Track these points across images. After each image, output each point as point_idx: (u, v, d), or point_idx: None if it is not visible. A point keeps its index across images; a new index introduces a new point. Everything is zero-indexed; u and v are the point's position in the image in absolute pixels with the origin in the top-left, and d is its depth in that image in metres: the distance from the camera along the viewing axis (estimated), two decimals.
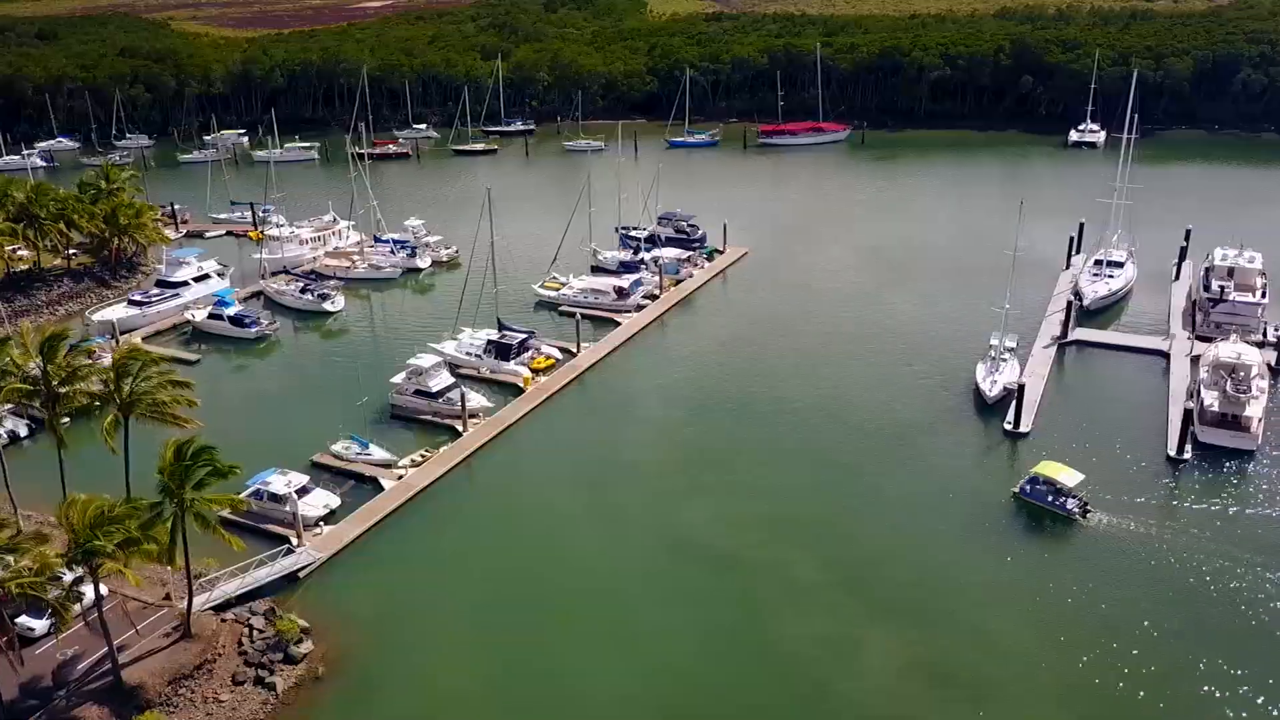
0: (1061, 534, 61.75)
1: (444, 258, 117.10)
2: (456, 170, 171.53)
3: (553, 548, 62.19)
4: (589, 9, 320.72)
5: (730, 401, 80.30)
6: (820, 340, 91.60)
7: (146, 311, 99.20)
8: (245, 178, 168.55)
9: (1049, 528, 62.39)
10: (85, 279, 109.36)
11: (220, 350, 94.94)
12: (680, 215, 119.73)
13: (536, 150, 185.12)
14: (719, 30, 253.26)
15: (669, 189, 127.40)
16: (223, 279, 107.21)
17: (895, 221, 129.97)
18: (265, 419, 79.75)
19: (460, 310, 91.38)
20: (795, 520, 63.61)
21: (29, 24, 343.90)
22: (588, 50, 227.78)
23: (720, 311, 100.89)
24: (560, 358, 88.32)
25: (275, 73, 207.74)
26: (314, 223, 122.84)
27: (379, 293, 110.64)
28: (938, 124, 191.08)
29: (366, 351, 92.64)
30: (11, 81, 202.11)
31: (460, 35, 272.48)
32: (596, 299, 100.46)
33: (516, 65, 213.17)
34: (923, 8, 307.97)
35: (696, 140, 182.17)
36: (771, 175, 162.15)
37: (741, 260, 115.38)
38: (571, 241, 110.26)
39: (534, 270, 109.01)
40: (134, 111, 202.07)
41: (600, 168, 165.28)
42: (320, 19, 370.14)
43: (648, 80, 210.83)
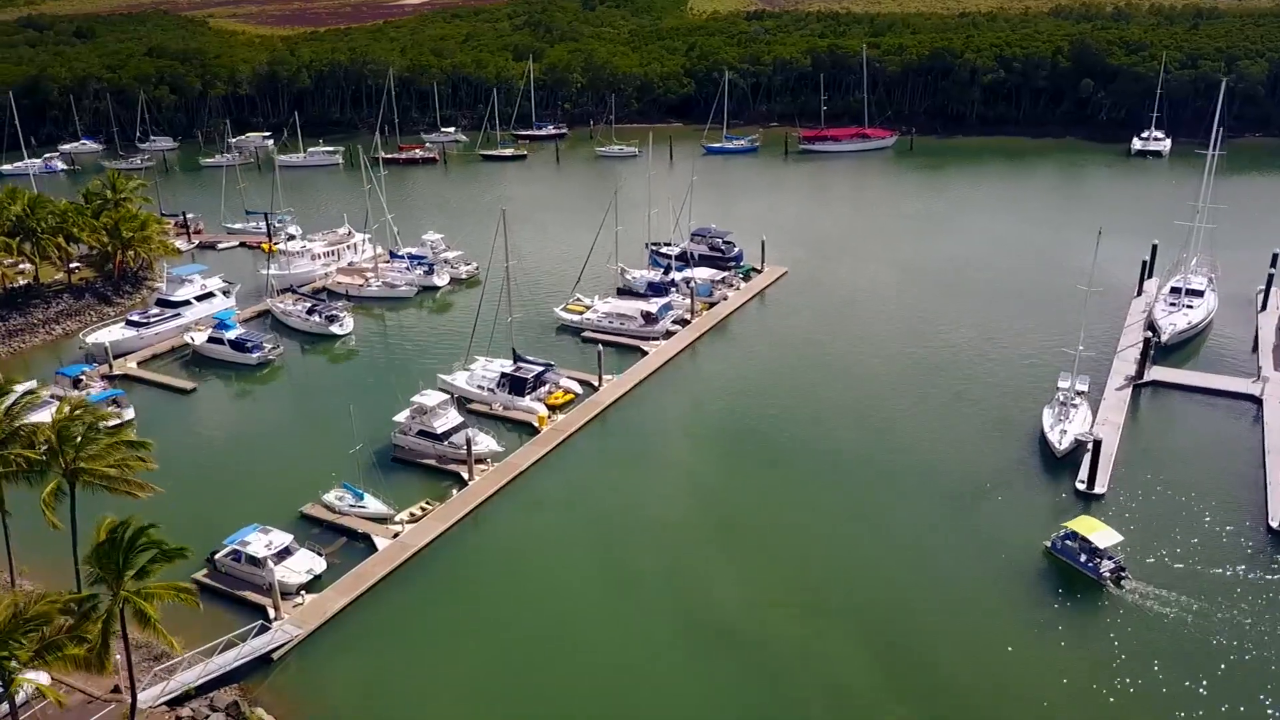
0: (1089, 602, 54.68)
1: (464, 274, 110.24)
2: (484, 177, 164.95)
3: (560, 625, 54.78)
4: (628, 6, 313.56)
5: (767, 447, 72.45)
6: (867, 375, 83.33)
7: (144, 333, 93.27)
8: (265, 184, 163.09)
9: (1078, 591, 55.41)
10: (86, 295, 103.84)
11: (219, 376, 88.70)
12: (715, 232, 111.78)
13: (568, 156, 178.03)
14: (760, 29, 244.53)
15: (704, 200, 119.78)
16: (228, 297, 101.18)
17: (946, 237, 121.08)
18: (257, 459, 73.19)
19: (474, 337, 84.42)
20: (836, 598, 55.63)
21: (68, 22, 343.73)
22: (624, 50, 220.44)
23: (757, 339, 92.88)
24: (580, 392, 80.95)
25: (302, 73, 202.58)
26: (327, 236, 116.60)
27: (393, 313, 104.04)
28: (990, 130, 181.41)
29: (373, 381, 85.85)
30: (37, 82, 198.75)
31: (495, 34, 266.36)
32: (622, 324, 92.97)
33: (549, 66, 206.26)
34: (972, 5, 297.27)
35: (734, 146, 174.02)
36: (813, 185, 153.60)
37: (780, 280, 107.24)
38: (599, 258, 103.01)
39: (557, 290, 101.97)
40: (158, 113, 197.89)
41: (632, 176, 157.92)
42: (358, 16, 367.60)
43: (685, 82, 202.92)
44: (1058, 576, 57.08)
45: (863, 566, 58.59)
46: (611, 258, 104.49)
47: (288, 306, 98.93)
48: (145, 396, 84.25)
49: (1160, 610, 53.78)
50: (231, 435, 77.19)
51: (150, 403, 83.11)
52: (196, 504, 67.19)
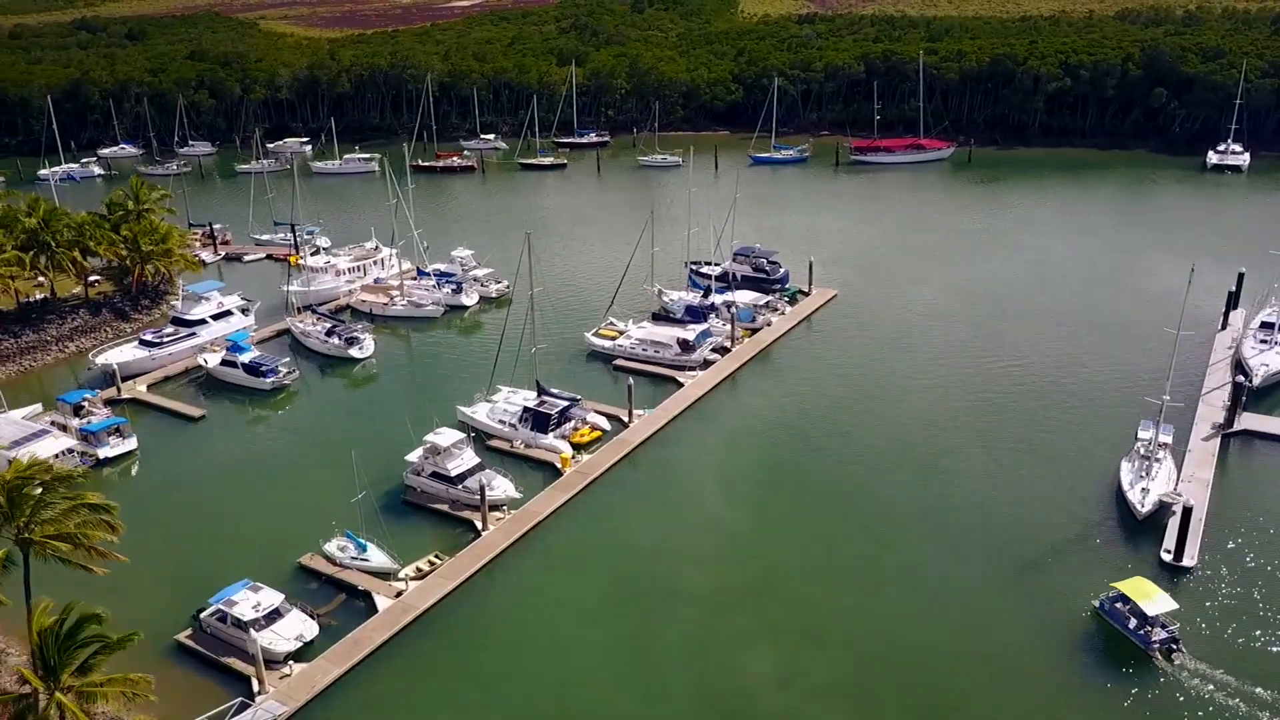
0: (1133, 675, 48.86)
1: (494, 293, 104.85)
2: (522, 187, 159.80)
3: (571, 706, 48.84)
4: (677, 9, 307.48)
5: (809, 495, 65.94)
6: (923, 413, 76.23)
7: (157, 354, 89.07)
8: (300, 191, 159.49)
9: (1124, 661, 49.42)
10: (104, 311, 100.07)
11: (231, 401, 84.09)
12: (759, 251, 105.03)
13: (609, 165, 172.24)
14: (811, 34, 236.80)
15: (748, 214, 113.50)
16: (246, 316, 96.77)
17: (1007, 258, 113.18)
18: (259, 499, 68.12)
19: (497, 365, 78.79)
20: (886, 687, 48.94)
21: (120, 24, 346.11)
22: (670, 55, 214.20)
23: (802, 370, 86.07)
24: (608, 429, 74.91)
25: (342, 78, 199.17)
26: (353, 251, 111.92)
27: (418, 333, 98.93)
28: (1054, 141, 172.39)
29: (391, 410, 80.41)
30: (79, 86, 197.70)
31: (540, 37, 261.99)
32: (656, 353, 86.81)
33: (593, 72, 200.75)
34: (1033, 8, 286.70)
35: (783, 157, 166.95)
36: (864, 198, 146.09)
37: (829, 304, 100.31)
38: (636, 277, 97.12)
39: (590, 312, 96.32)
40: (198, 118, 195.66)
41: (674, 187, 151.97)
42: (408, 19, 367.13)
43: (732, 89, 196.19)
44: (1104, 641, 51.37)
45: (911, 644, 51.74)
46: (648, 278, 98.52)
47: (307, 326, 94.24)
48: (151, 424, 79.88)
49: (1210, 693, 47.02)
50: (235, 470, 72.26)
51: (155, 431, 78.70)
52: (190, 548, 62.64)
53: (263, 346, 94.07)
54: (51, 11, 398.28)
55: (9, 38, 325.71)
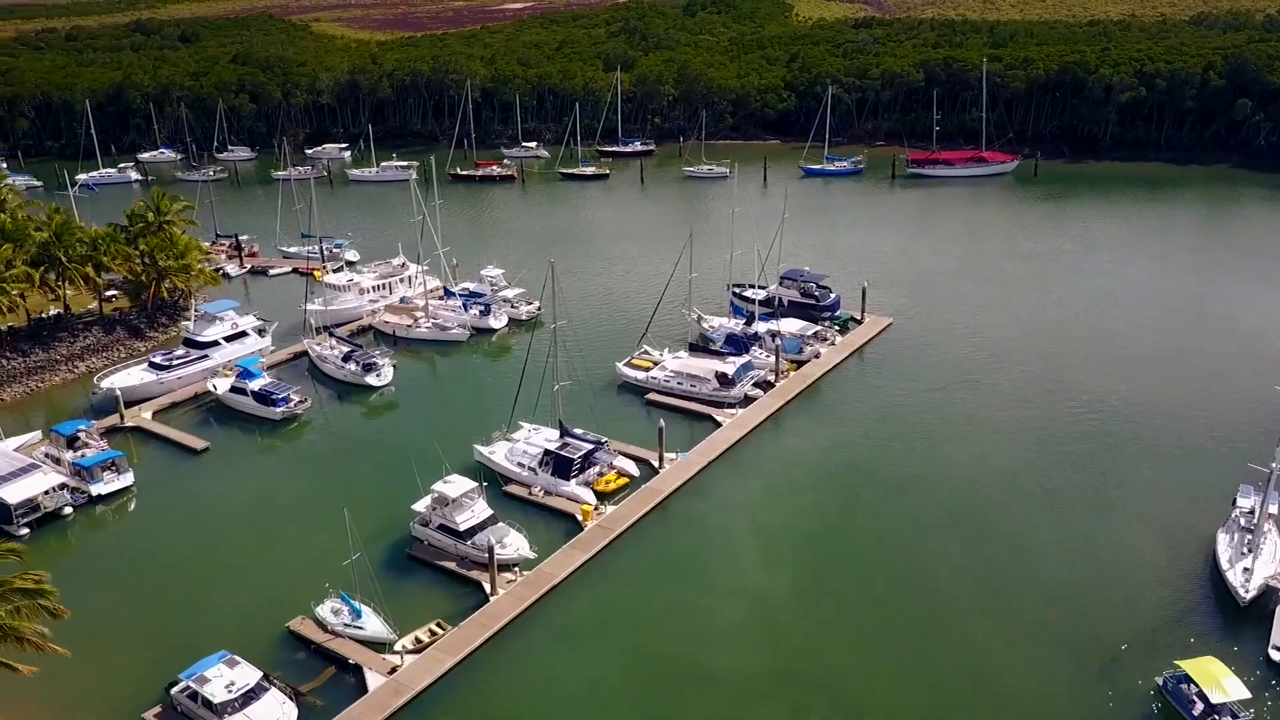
0: None
1: (524, 315, 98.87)
2: (562, 198, 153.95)
3: None
4: (730, 13, 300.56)
5: (858, 562, 58.89)
6: (986, 464, 68.57)
7: (165, 378, 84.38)
8: (335, 200, 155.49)
9: None
10: (118, 328, 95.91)
11: (239, 432, 79.04)
12: (808, 276, 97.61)
13: (653, 175, 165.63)
14: (868, 38, 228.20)
15: (797, 229, 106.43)
16: (262, 337, 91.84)
17: (1078, 285, 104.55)
18: (255, 548, 62.61)
19: (518, 398, 72.79)
20: None
21: (174, 27, 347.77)
22: (720, 60, 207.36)
23: (853, 410, 78.69)
24: (636, 475, 68.39)
25: (383, 82, 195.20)
26: (378, 267, 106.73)
27: (443, 357, 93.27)
28: (1127, 155, 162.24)
29: (406, 446, 74.81)
30: (121, 90, 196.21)
31: (589, 41, 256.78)
32: (693, 387, 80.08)
33: (639, 77, 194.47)
34: (1100, 11, 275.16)
35: (836, 168, 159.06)
36: (921, 214, 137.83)
37: (883, 334, 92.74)
38: (675, 300, 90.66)
39: (624, 337, 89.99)
40: (238, 122, 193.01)
41: (720, 200, 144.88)
42: (459, 21, 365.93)
43: (784, 96, 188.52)
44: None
45: None
46: (687, 302, 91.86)
47: (324, 350, 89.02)
48: (151, 457, 75.10)
49: None
50: (233, 513, 66.92)
51: (155, 464, 73.89)
52: (176, 603, 57.58)
53: (279, 370, 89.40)
54: (113, 13, 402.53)
55: (65, 39, 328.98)
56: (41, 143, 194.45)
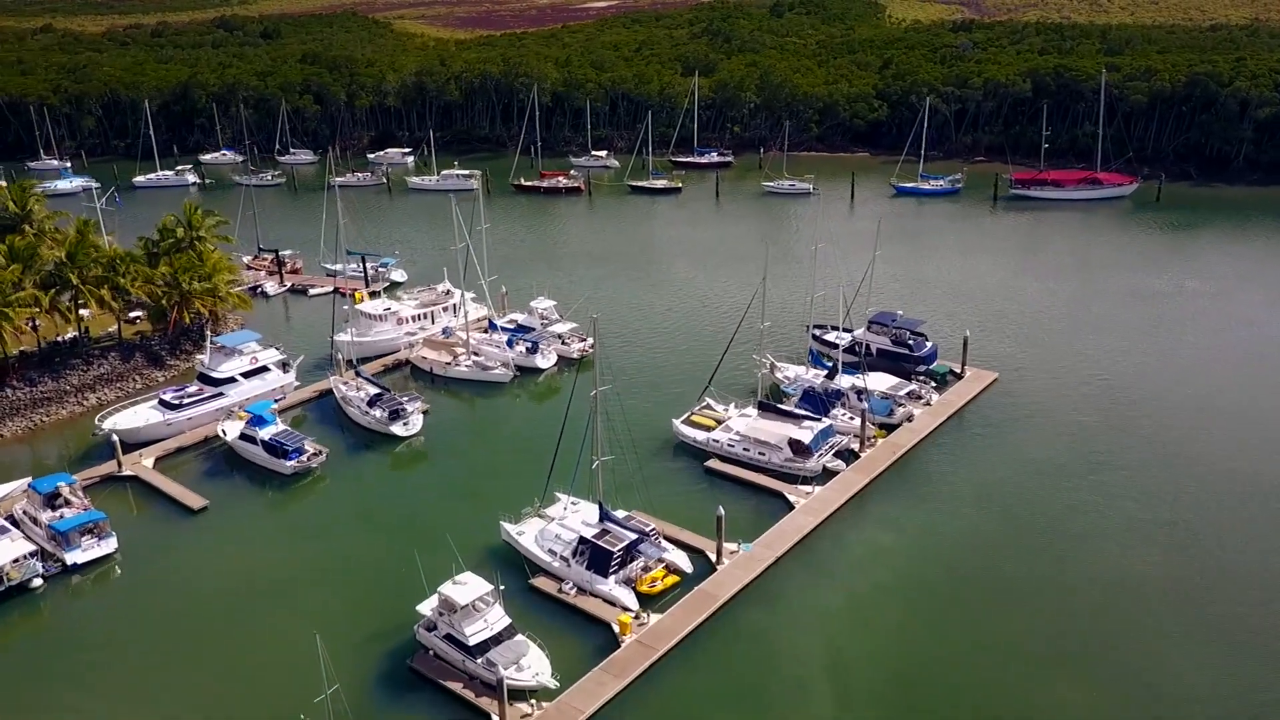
0: None
1: (575, 354, 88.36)
2: (629, 213, 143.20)
3: None
4: (819, 14, 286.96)
5: (955, 710, 46.79)
6: (1121, 576, 55.73)
7: (174, 418, 75.98)
8: (392, 210, 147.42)
9: None
10: (137, 355, 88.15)
11: (242, 488, 70.02)
12: (901, 321, 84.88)
13: (730, 190, 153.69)
14: (967, 44, 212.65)
15: (885, 256, 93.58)
16: (286, 372, 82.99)
17: (1215, 335, 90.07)
18: (231, 648, 52.99)
19: (554, 469, 62.31)
20: None
21: (257, 23, 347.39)
22: (807, 65, 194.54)
23: (953, 492, 66.17)
24: (689, 571, 57.27)
25: (451, 85, 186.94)
26: (421, 294, 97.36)
27: (483, 399, 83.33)
28: (1265, 178, 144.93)
29: (429, 516, 65.03)
30: (187, 89, 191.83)
31: (670, 43, 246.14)
32: (762, 455, 68.55)
33: (719, 83, 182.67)
34: (1220, 14, 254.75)
35: (931, 187, 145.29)
36: (1028, 243, 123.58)
37: (988, 392, 79.81)
38: (745, 339, 79.32)
39: (685, 385, 78.97)
40: (301, 124, 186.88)
41: (803, 221, 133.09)
42: (542, 19, 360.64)
43: (875, 105, 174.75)
44: None
45: None
46: (759, 344, 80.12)
47: (349, 391, 79.72)
48: (142, 516, 66.47)
49: None
50: (216, 596, 57.42)
51: (144, 526, 65.14)
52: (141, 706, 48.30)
53: (303, 410, 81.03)
54: (204, 8, 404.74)
55: (151, 35, 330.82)
56: (108, 142, 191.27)
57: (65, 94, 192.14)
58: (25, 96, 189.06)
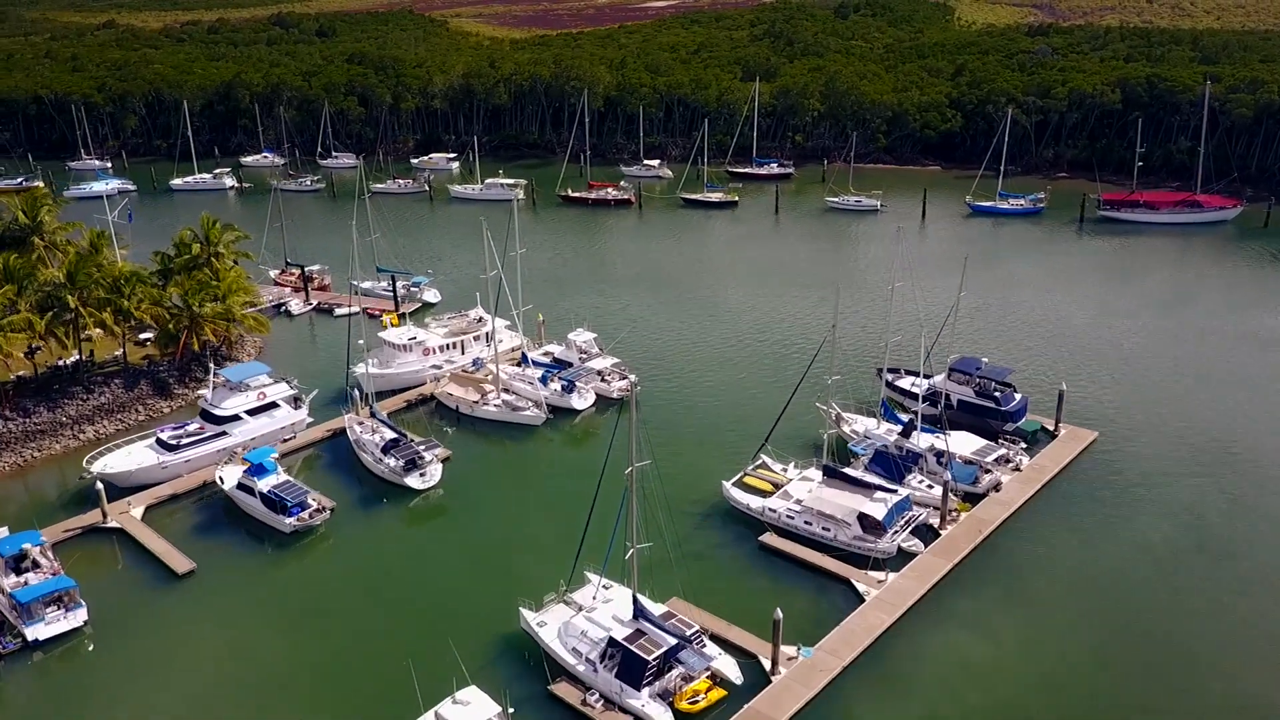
0: None
1: (616, 393, 79.48)
2: (682, 229, 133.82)
3: None
4: (885, 16, 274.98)
5: None
6: (1268, 694, 45.55)
7: (170, 461, 68.65)
8: (432, 220, 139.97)
9: None
10: (142, 383, 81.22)
11: (238, 546, 62.37)
12: (987, 370, 74.32)
13: (790, 204, 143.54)
14: (1045, 49, 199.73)
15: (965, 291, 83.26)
16: (298, 409, 75.32)
17: None
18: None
19: (583, 546, 53.68)
20: None
21: (313, 21, 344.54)
22: (875, 71, 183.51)
23: (1053, 584, 56.04)
24: (739, 682, 48.13)
25: (499, 88, 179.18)
26: (451, 321, 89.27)
27: (513, 442, 74.89)
28: None
29: (437, 592, 56.83)
30: (230, 89, 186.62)
31: (730, 44, 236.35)
32: (825, 530, 59.14)
33: (781, 89, 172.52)
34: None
35: (1011, 207, 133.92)
36: (1121, 273, 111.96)
37: (1087, 454, 69.39)
38: (809, 384, 69.92)
39: (738, 435, 70.05)
40: (344, 127, 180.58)
41: (871, 241, 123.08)
42: (600, 19, 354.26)
43: (949, 115, 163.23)
44: None
45: None
46: (825, 388, 70.36)
47: (363, 433, 71.77)
48: (121, 580, 59.07)
49: None
50: (187, 687, 49.79)
51: (122, 593, 57.72)
52: None
53: (315, 450, 73.43)
54: (265, 4, 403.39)
55: (207, 32, 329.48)
56: (150, 142, 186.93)
57: (109, 92, 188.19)
58: (70, 94, 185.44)
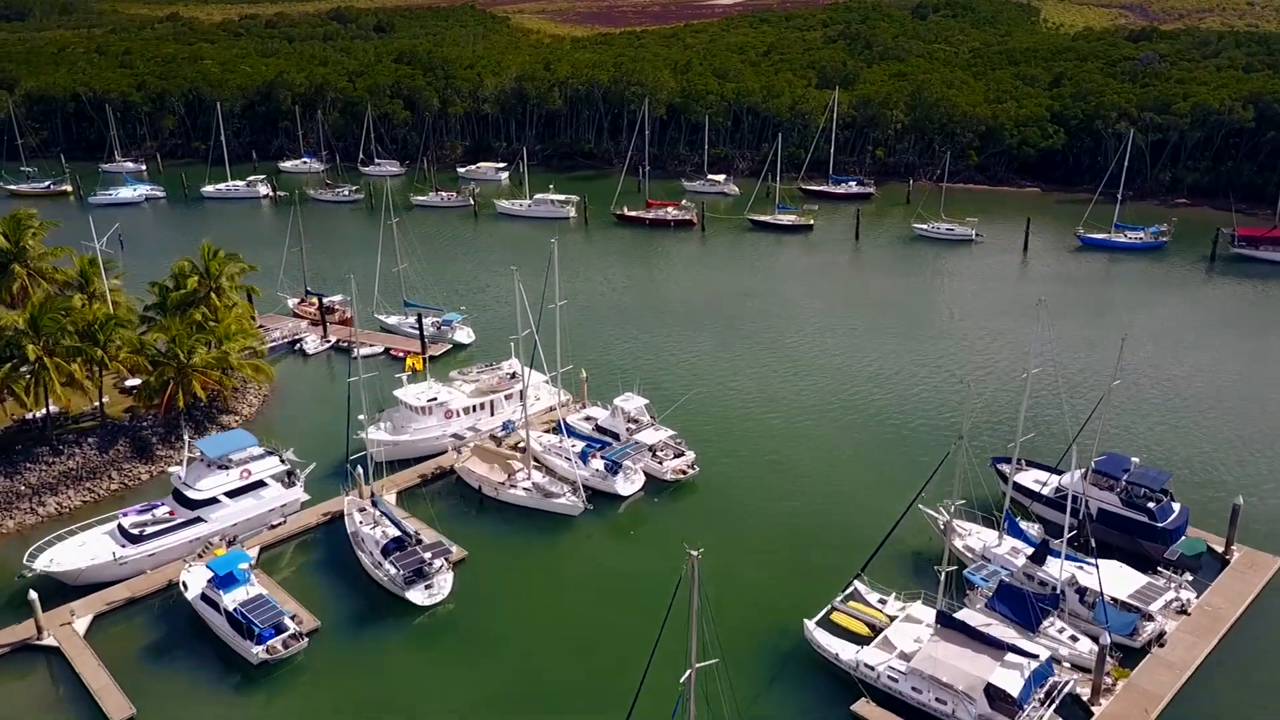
0: None
1: (668, 474, 65.85)
2: (749, 255, 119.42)
3: None
4: (967, 17, 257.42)
5: None
6: None
7: (130, 555, 56.69)
8: (476, 239, 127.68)
9: None
10: (120, 442, 69.67)
11: (193, 680, 50.10)
12: (1138, 472, 58.85)
13: (872, 228, 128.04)
14: (1152, 56, 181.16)
15: (1071, 333, 68.25)
16: (291, 487, 62.96)
17: None
18: None
19: (636, 706, 40.54)
20: None
21: (371, 16, 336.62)
22: (962, 79, 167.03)
23: None
24: None
25: (554, 92, 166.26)
26: (481, 374, 76.17)
27: (544, 536, 61.73)
28: None
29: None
30: (272, 89, 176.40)
31: (802, 46, 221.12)
32: (940, 703, 44.97)
33: (862, 99, 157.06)
34: None
35: (1128, 240, 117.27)
36: (1265, 324, 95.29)
37: (1269, 591, 54.14)
38: (910, 484, 55.83)
39: (823, 552, 56.01)
40: (388, 131, 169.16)
41: (967, 277, 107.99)
42: (665, 16, 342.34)
43: (1050, 130, 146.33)
44: None
45: None
46: (936, 490, 56.14)
47: (364, 526, 59.17)
48: None
49: None
50: None
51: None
52: None
53: (310, 537, 60.98)
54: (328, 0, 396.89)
55: (265, 26, 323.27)
56: (189, 144, 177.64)
57: (148, 91, 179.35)
58: (108, 92, 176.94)
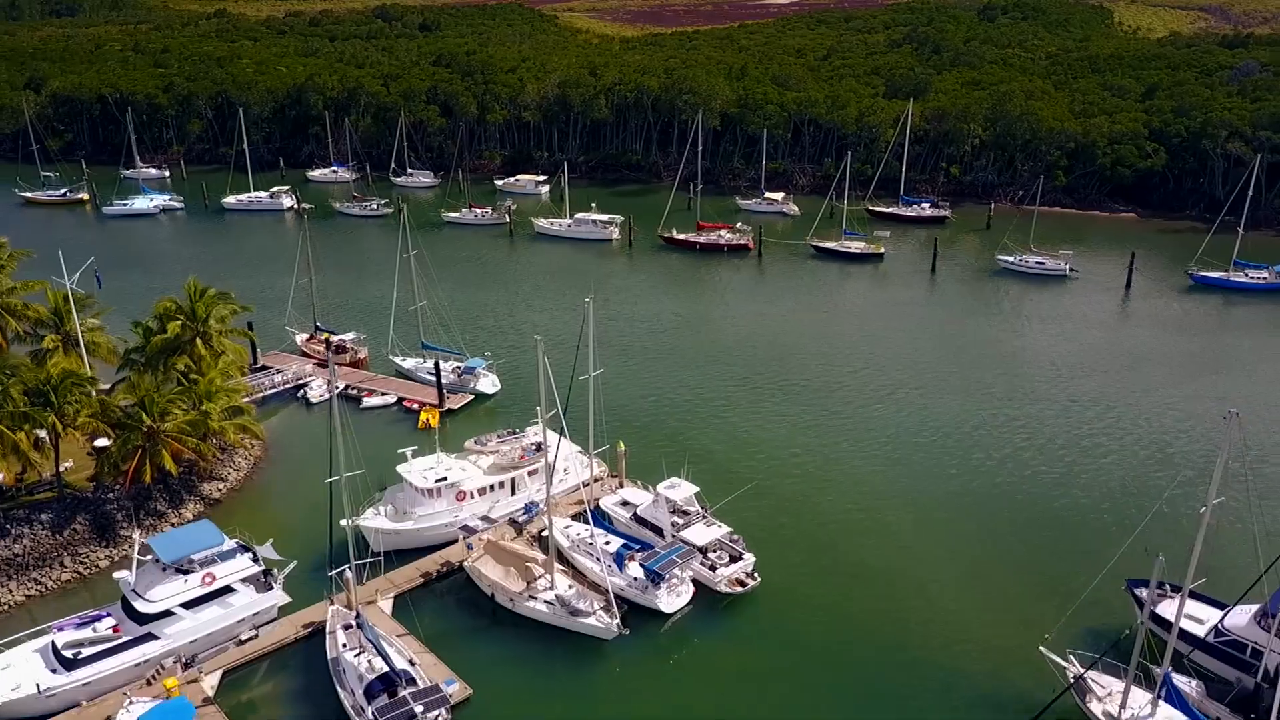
0: None
1: (723, 584, 53.92)
2: (810, 288, 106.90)
3: None
4: (1039, 19, 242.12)
5: None
6: None
7: (61, 685, 46.10)
8: (509, 263, 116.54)
9: None
10: (78, 520, 59.36)
11: None
12: None
13: (949, 257, 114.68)
14: (1253, 64, 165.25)
15: (1179, 390, 55.05)
16: (266, 591, 51.95)
17: None
18: None
19: None
20: None
21: (416, 14, 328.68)
22: (1042, 88, 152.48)
23: None
24: None
25: (600, 100, 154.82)
26: (500, 444, 64.56)
27: (567, 663, 50.08)
28: None
29: None
30: (302, 93, 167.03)
31: (864, 49, 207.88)
32: None
33: (935, 111, 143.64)
34: None
35: (1249, 280, 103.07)
36: None
37: None
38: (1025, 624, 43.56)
39: (929, 709, 44.06)
40: (423, 139, 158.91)
41: (1066, 322, 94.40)
42: (717, 16, 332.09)
43: (1148, 149, 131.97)
44: None
45: None
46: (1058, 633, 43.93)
47: (348, 652, 48.05)
48: None
49: None
50: None
51: None
52: None
53: (286, 653, 50.01)
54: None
55: (309, 24, 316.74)
56: (216, 149, 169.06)
57: (175, 93, 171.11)
58: (133, 93, 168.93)
